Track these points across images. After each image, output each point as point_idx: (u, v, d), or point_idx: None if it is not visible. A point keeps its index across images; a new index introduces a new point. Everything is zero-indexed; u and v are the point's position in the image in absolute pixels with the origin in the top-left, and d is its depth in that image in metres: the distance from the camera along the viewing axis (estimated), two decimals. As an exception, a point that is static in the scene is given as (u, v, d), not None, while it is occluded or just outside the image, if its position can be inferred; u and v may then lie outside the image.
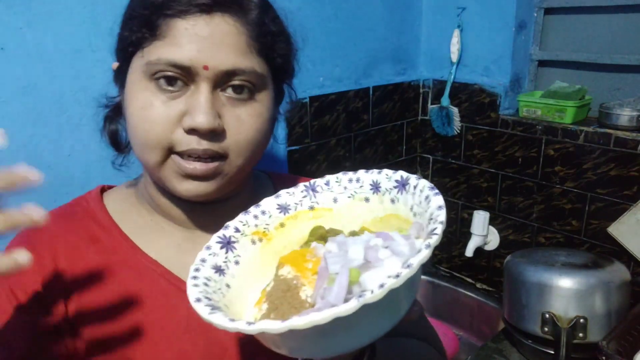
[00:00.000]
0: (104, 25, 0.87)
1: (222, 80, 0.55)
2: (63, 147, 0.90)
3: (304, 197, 0.51)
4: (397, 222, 0.46)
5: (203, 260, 0.45)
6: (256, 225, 0.50)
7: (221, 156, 0.56)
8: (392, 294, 0.33)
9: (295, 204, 0.51)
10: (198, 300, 0.39)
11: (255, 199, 0.55)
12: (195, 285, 0.42)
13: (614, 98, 1.33)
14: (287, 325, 0.32)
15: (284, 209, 0.50)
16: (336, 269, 0.38)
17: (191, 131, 0.54)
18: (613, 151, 1.23)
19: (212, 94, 0.55)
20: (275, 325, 0.32)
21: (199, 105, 0.53)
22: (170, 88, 0.54)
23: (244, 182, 0.67)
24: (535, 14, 1.43)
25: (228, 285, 0.45)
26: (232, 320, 0.35)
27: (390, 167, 1.58)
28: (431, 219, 0.40)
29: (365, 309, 0.32)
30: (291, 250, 0.46)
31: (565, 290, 1.04)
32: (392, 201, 0.46)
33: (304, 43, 1.29)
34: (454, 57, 1.48)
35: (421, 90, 1.61)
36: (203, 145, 0.54)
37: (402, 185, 0.45)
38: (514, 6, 1.37)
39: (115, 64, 0.62)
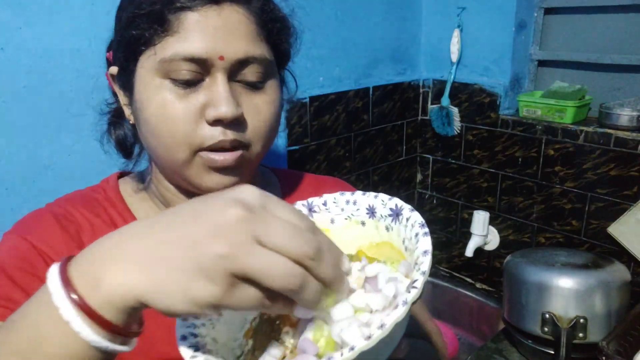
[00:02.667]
0: (104, 25, 0.87)
1: (236, 70, 0.55)
2: (62, 147, 0.90)
3: None
4: (391, 252, 0.45)
5: None
6: None
7: (244, 145, 0.57)
8: (371, 348, 0.32)
9: None
10: (184, 338, 0.38)
11: None
12: (184, 319, 0.41)
13: (614, 98, 1.33)
14: None
15: None
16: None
17: (216, 122, 0.54)
18: (613, 151, 1.23)
19: (229, 84, 0.55)
20: None
21: (219, 95, 0.54)
22: (185, 84, 0.54)
23: (254, 175, 0.67)
24: (535, 14, 1.43)
25: (220, 313, 0.44)
26: None
27: (390, 167, 1.58)
28: (416, 263, 0.38)
29: None
30: None
31: (565, 290, 1.04)
32: (387, 229, 0.46)
33: (304, 43, 1.29)
34: (454, 57, 1.48)
35: (421, 90, 1.61)
36: (229, 135, 0.55)
37: (395, 214, 0.44)
38: (514, 6, 1.37)
39: (114, 69, 0.61)
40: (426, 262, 0.36)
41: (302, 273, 0.32)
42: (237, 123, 0.56)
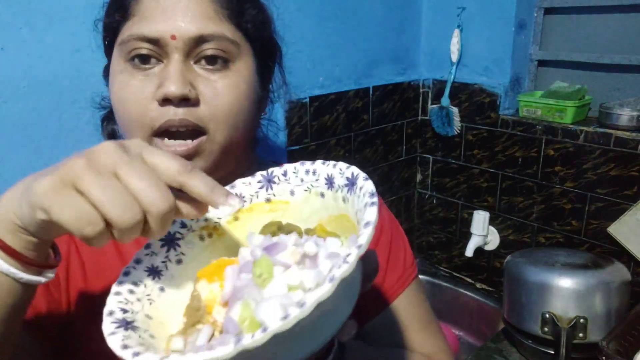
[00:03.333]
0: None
1: (192, 50, 0.55)
2: (63, 147, 0.90)
3: (261, 187, 0.47)
4: (348, 225, 0.43)
5: (137, 262, 0.43)
6: (206, 220, 0.46)
7: (200, 131, 0.55)
8: (290, 329, 0.30)
9: (251, 195, 0.47)
10: (110, 313, 0.38)
11: None
12: (118, 293, 0.40)
13: (614, 98, 1.33)
14: None
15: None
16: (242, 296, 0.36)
17: (165, 102, 0.54)
18: (613, 151, 1.23)
19: (184, 64, 0.54)
20: None
21: (168, 74, 0.53)
22: (145, 66, 0.55)
23: (242, 167, 0.64)
24: (535, 14, 1.43)
25: (162, 289, 0.43)
26: (124, 346, 0.34)
27: (390, 167, 1.58)
28: (358, 236, 0.35)
29: (268, 342, 0.29)
30: (219, 259, 0.42)
31: (565, 290, 1.04)
32: (344, 200, 0.43)
33: (305, 43, 1.29)
34: (454, 57, 1.48)
35: (421, 90, 1.61)
36: (179, 114, 0.54)
37: (351, 184, 0.42)
38: (514, 6, 1.37)
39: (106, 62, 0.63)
40: (364, 235, 0.33)
41: (97, 222, 0.34)
42: (188, 104, 0.54)
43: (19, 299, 0.41)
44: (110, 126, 0.67)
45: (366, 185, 0.40)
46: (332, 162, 0.44)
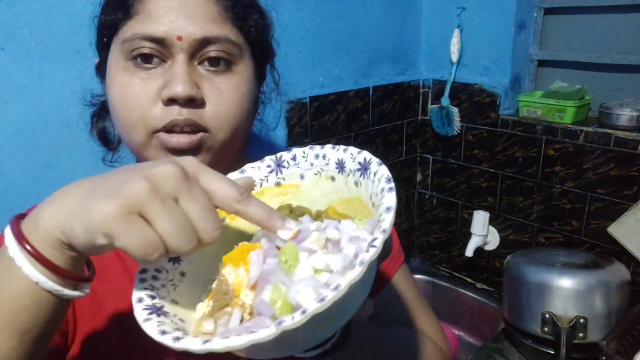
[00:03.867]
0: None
1: (197, 51, 0.55)
2: (63, 147, 0.90)
3: (270, 172, 0.49)
4: (360, 207, 0.45)
5: None
6: (216, 206, 0.48)
7: (203, 129, 0.56)
8: (326, 310, 0.31)
9: (261, 179, 0.49)
10: (140, 300, 0.38)
11: None
12: (143, 280, 0.41)
13: (614, 98, 1.33)
14: (205, 347, 0.32)
15: None
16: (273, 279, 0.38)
17: (170, 102, 0.54)
18: (613, 151, 1.23)
19: (188, 65, 0.55)
20: (195, 346, 0.32)
21: (175, 75, 0.54)
22: (147, 65, 0.55)
23: (237, 164, 0.64)
24: (535, 14, 1.43)
25: (182, 274, 0.44)
26: (163, 332, 0.35)
27: (390, 167, 1.58)
28: (379, 221, 0.37)
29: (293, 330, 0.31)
30: (237, 246, 0.43)
31: (565, 290, 1.04)
32: (356, 184, 0.45)
33: (305, 43, 1.29)
34: (454, 57, 1.48)
35: (421, 90, 1.61)
36: (184, 114, 0.54)
37: (364, 168, 0.43)
38: (514, 6, 1.37)
39: (97, 60, 0.63)
40: (388, 220, 0.35)
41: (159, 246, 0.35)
42: (194, 104, 0.54)
43: (57, 314, 0.41)
44: (101, 123, 0.68)
45: (381, 169, 0.41)
46: (342, 147, 0.46)
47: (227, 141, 0.58)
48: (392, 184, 0.39)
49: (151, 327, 0.35)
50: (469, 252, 1.51)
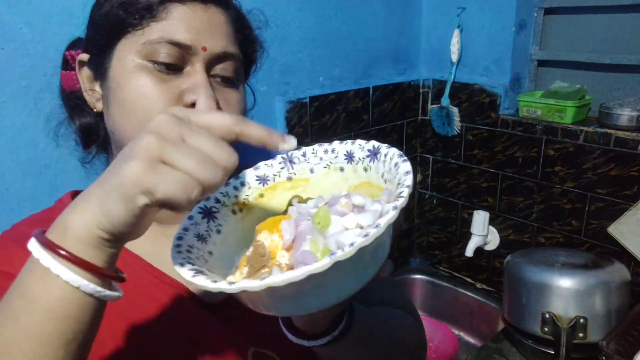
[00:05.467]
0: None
1: (214, 63, 0.59)
2: (63, 147, 0.90)
3: (282, 168, 0.53)
4: (370, 189, 0.48)
5: (186, 229, 0.46)
6: (236, 196, 0.51)
7: None
8: (361, 253, 0.35)
9: (274, 175, 0.53)
10: (181, 264, 0.40)
11: None
12: (179, 252, 0.43)
13: (614, 98, 1.33)
14: (266, 282, 0.34)
15: (262, 180, 0.52)
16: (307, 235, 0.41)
17: (192, 106, 0.56)
18: (613, 151, 1.23)
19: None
20: (254, 284, 0.34)
21: (199, 81, 0.57)
22: (167, 69, 0.57)
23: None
24: (535, 14, 1.43)
25: (210, 253, 0.46)
26: (215, 281, 0.37)
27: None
28: (399, 183, 0.41)
29: (337, 266, 0.34)
30: (269, 218, 0.47)
31: (565, 290, 1.05)
32: (365, 170, 0.48)
33: (305, 43, 1.29)
34: (454, 57, 1.48)
35: (421, 90, 1.61)
36: None
37: (374, 154, 0.47)
38: (514, 6, 1.37)
39: (85, 55, 0.62)
40: (409, 179, 0.40)
41: (194, 185, 0.36)
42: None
43: (98, 319, 0.41)
44: (83, 119, 0.68)
45: (391, 150, 0.45)
46: (350, 140, 0.50)
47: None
48: (406, 157, 0.43)
49: (201, 280, 0.37)
50: (469, 252, 1.51)
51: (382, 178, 0.46)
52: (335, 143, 0.51)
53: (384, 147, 0.46)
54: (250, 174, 0.52)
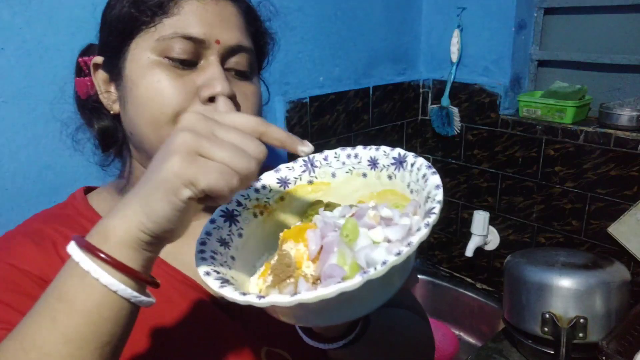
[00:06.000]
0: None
1: (228, 56, 0.59)
2: (63, 147, 0.90)
3: (303, 171, 0.52)
4: (394, 198, 0.47)
5: (208, 234, 0.46)
6: (257, 199, 0.51)
7: None
8: (392, 270, 0.35)
9: (295, 178, 0.52)
10: (207, 273, 0.41)
11: None
12: (203, 258, 0.43)
13: (614, 98, 1.33)
14: (297, 299, 0.34)
15: (283, 182, 0.52)
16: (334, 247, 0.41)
17: (209, 101, 0.56)
18: (613, 151, 1.23)
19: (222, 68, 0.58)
20: (285, 299, 0.35)
21: (216, 74, 0.57)
22: (181, 64, 0.57)
23: None
24: (535, 14, 1.43)
25: (233, 258, 0.47)
26: (243, 294, 0.37)
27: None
28: (429, 197, 0.41)
29: (367, 284, 0.34)
30: (294, 225, 0.47)
31: (565, 290, 1.04)
32: (389, 177, 0.48)
33: (305, 43, 1.29)
34: (454, 57, 1.48)
35: (421, 90, 1.61)
36: None
37: (399, 162, 0.47)
38: (514, 6, 1.37)
39: (99, 58, 0.62)
40: (440, 194, 0.40)
41: (232, 175, 0.37)
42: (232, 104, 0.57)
43: (131, 324, 0.42)
44: (102, 122, 0.66)
45: (419, 160, 0.45)
46: (374, 147, 0.50)
47: None
48: (434, 169, 0.43)
49: (229, 291, 0.38)
50: (469, 252, 1.51)
51: (407, 188, 0.46)
52: (359, 148, 0.50)
53: (410, 156, 0.46)
54: (271, 176, 0.52)
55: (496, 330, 1.38)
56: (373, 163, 0.49)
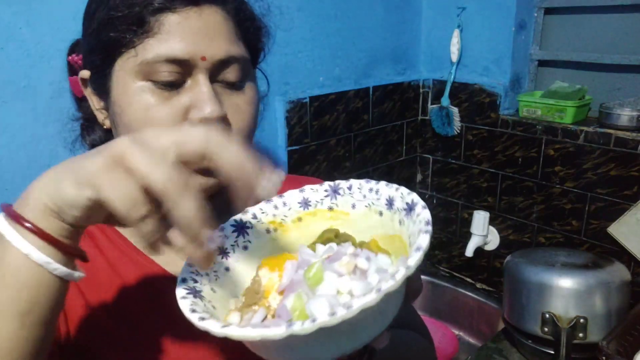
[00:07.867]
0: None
1: (217, 70, 0.55)
2: (63, 147, 0.90)
3: (326, 196, 0.52)
4: (400, 246, 0.46)
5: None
6: (274, 215, 0.51)
7: None
8: (340, 325, 0.33)
9: (317, 201, 0.52)
10: (183, 280, 0.42)
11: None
12: (190, 264, 0.44)
13: (614, 98, 1.33)
14: (223, 331, 0.34)
15: (305, 204, 0.52)
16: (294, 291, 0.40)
17: (200, 123, 0.54)
18: (613, 151, 1.23)
19: (210, 84, 0.55)
20: (215, 328, 0.35)
21: (204, 95, 0.53)
22: (168, 86, 0.54)
23: None
24: (535, 14, 1.43)
25: (227, 269, 0.47)
26: (193, 311, 0.38)
27: (390, 167, 1.57)
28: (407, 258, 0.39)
29: (296, 337, 0.33)
30: (284, 253, 0.47)
31: (565, 290, 1.04)
32: (400, 222, 0.47)
33: (305, 43, 1.29)
34: (454, 57, 1.48)
35: (421, 90, 1.61)
36: None
37: (410, 209, 0.45)
38: (514, 6, 1.37)
39: (86, 72, 0.60)
40: (414, 258, 0.36)
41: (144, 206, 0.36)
42: (222, 123, 0.55)
43: (55, 297, 0.40)
44: (93, 136, 0.66)
45: (423, 213, 0.43)
46: (395, 185, 0.48)
47: None
48: (430, 228, 0.40)
49: (185, 304, 0.39)
50: (469, 252, 1.51)
51: (408, 239, 0.44)
52: (382, 184, 0.49)
53: (419, 206, 0.44)
54: (294, 195, 0.51)
55: (496, 330, 1.38)
56: (390, 203, 0.48)
